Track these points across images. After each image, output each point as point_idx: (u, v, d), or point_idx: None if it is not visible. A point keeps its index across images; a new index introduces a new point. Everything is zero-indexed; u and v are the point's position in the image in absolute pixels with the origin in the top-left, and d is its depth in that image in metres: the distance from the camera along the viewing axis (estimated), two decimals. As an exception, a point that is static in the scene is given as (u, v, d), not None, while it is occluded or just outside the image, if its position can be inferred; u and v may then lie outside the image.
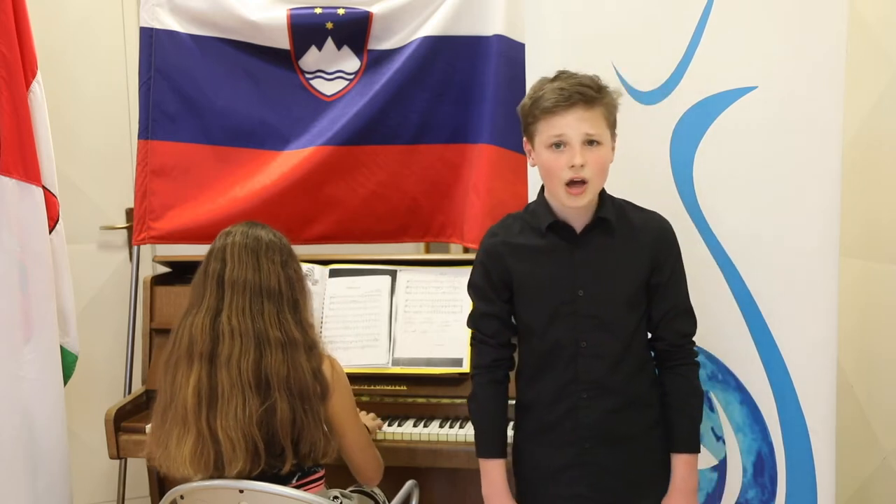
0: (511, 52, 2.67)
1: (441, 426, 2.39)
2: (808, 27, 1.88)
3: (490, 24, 2.76)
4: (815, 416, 1.95)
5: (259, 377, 1.84)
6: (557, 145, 1.69)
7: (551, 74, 1.76)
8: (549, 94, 1.69)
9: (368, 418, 2.33)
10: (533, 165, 1.78)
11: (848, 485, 2.51)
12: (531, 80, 2.15)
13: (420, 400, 2.49)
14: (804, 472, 1.96)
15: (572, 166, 1.67)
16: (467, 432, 2.33)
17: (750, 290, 1.99)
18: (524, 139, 1.79)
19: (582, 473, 1.80)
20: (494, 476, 1.84)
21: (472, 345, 1.90)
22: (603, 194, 1.79)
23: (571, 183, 1.69)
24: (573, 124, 1.67)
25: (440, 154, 2.86)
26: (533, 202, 1.85)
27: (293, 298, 1.93)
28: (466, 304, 2.51)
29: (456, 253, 3.32)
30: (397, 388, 2.49)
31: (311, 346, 1.92)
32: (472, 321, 1.89)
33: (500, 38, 2.74)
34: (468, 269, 2.54)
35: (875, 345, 2.47)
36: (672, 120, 2.05)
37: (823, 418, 1.95)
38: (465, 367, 2.43)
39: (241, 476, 1.82)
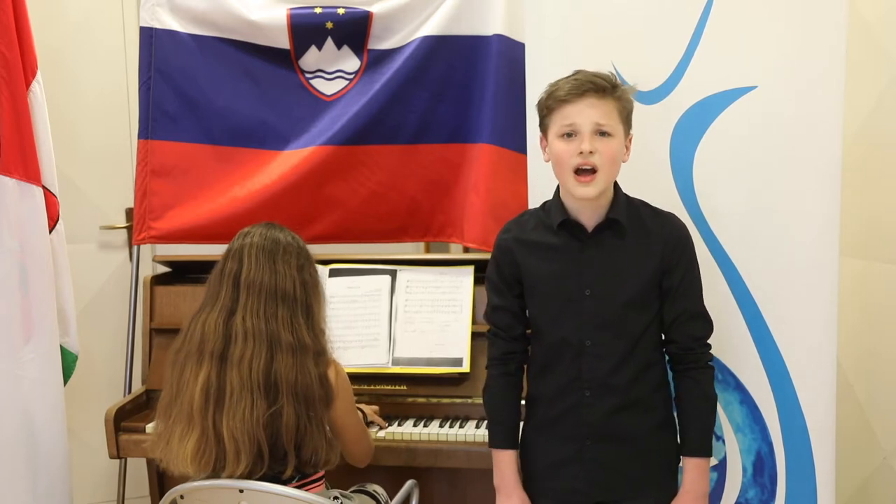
0: (511, 52, 2.67)
1: (441, 426, 2.38)
2: (808, 27, 1.88)
3: (490, 23, 2.76)
4: (815, 416, 1.95)
5: (268, 380, 1.84)
6: (569, 135, 1.71)
7: (557, 74, 1.77)
8: (564, 85, 1.73)
9: (370, 410, 2.36)
10: (547, 161, 1.78)
11: (848, 485, 2.51)
12: (531, 80, 2.16)
13: (420, 400, 2.48)
14: (804, 472, 1.96)
15: (581, 153, 1.68)
16: (467, 432, 2.33)
17: (750, 290, 1.99)
18: (540, 136, 1.80)
19: (581, 469, 1.80)
20: (503, 466, 1.86)
21: (487, 338, 1.91)
22: (618, 193, 1.79)
23: (580, 171, 1.70)
24: (584, 111, 1.69)
25: (440, 154, 2.86)
26: (549, 199, 1.85)
27: (307, 303, 1.93)
28: (466, 304, 2.53)
29: (456, 253, 3.32)
30: (397, 387, 2.49)
31: (320, 352, 1.92)
32: (486, 314, 1.91)
33: (500, 38, 2.73)
34: (468, 269, 2.58)
35: (875, 345, 2.47)
36: (672, 120, 2.05)
37: (823, 418, 1.95)
38: (465, 367, 2.43)
39: (241, 478, 1.82)
